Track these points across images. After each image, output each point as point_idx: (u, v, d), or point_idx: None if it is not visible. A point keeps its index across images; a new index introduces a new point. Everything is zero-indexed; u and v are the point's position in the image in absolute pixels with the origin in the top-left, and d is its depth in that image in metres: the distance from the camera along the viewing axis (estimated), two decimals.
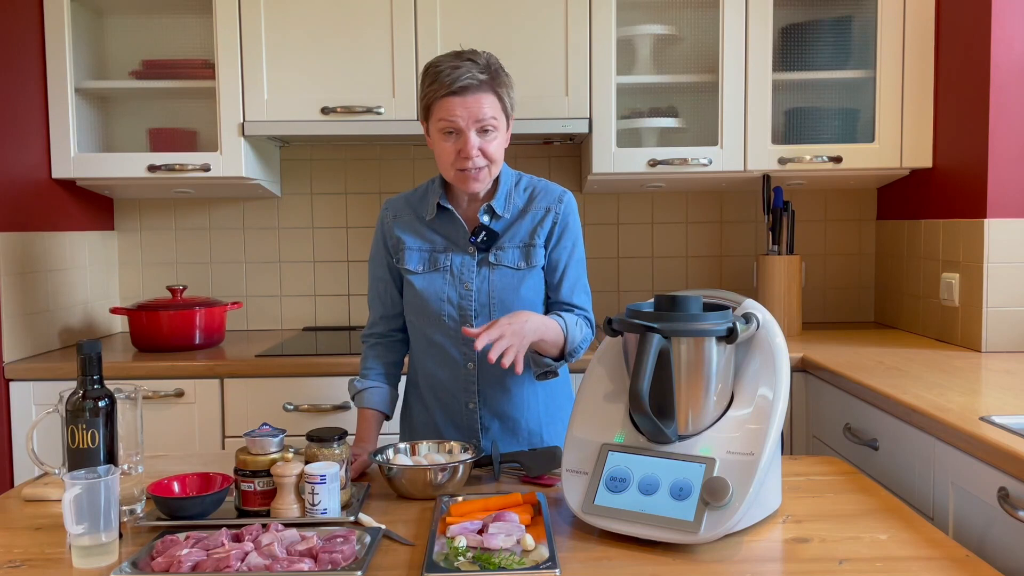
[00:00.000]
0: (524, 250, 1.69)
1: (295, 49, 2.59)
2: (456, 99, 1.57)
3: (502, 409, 1.71)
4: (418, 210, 1.75)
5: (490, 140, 1.61)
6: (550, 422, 1.76)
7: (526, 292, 1.68)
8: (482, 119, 1.58)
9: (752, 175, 2.67)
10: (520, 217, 1.71)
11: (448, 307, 1.68)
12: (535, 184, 1.75)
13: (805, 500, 1.36)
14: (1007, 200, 2.31)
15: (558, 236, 1.71)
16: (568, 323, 1.65)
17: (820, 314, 3.07)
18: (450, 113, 1.58)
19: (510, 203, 1.71)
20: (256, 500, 1.30)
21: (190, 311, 2.60)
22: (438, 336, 1.70)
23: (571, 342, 1.64)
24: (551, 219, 1.70)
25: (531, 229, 1.70)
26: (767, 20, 2.58)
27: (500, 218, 1.70)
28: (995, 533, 1.43)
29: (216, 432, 2.42)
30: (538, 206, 1.71)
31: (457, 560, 1.12)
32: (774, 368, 1.26)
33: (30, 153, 2.55)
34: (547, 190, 1.74)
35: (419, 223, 1.74)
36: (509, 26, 2.58)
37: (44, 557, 1.18)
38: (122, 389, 1.33)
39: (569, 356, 1.66)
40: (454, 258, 1.69)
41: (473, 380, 1.70)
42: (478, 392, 1.70)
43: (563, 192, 1.74)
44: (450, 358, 1.70)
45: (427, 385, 1.75)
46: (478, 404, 1.71)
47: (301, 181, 3.03)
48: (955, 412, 1.62)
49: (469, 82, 1.56)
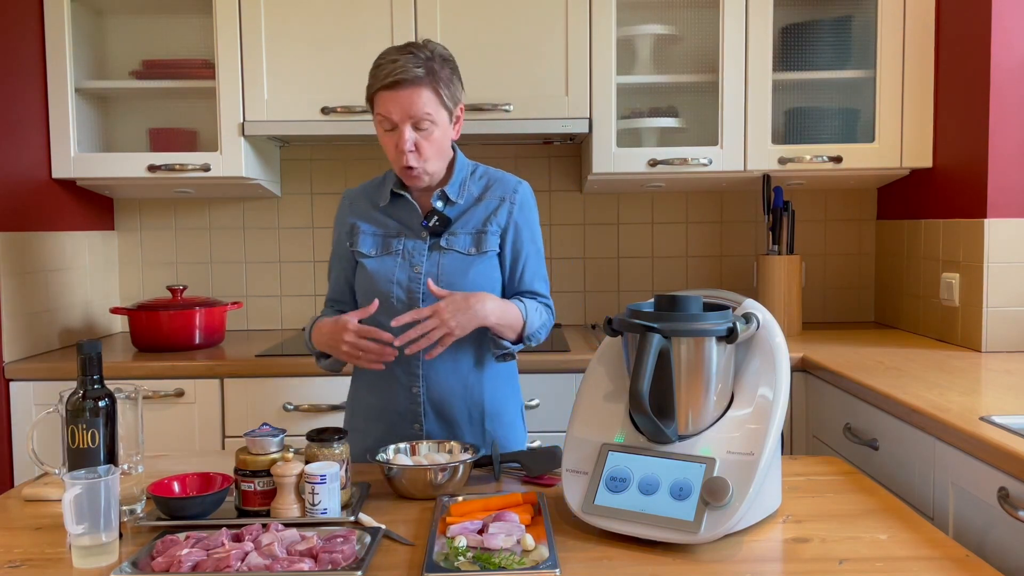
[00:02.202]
0: (476, 236, 1.71)
1: (295, 49, 2.59)
2: (389, 93, 1.60)
3: (444, 394, 1.71)
4: (374, 197, 1.78)
5: (426, 136, 1.63)
6: (494, 412, 1.75)
7: (475, 277, 1.69)
8: (415, 115, 1.60)
9: (752, 175, 2.67)
10: (475, 204, 1.74)
11: (397, 289, 1.69)
12: (491, 174, 1.79)
13: (805, 500, 1.36)
14: (1007, 200, 2.31)
15: (516, 228, 1.73)
16: (528, 308, 1.69)
17: (820, 314, 3.07)
18: (384, 108, 1.61)
19: (464, 190, 1.74)
20: (256, 500, 1.30)
21: (190, 311, 2.60)
22: (385, 319, 1.69)
23: (530, 326, 1.68)
24: (506, 209, 1.73)
25: (485, 217, 1.72)
26: (767, 20, 2.58)
27: (454, 204, 1.72)
28: (995, 533, 1.43)
29: (216, 432, 2.42)
30: (493, 195, 1.74)
31: (457, 560, 1.12)
32: (774, 368, 1.26)
33: (30, 153, 2.55)
34: (503, 180, 1.77)
35: (374, 209, 1.77)
36: (509, 26, 2.58)
37: (44, 557, 1.18)
38: (122, 389, 1.33)
39: (527, 340, 1.70)
40: (406, 242, 1.71)
41: (418, 364, 1.70)
42: (422, 376, 1.70)
43: (519, 183, 1.77)
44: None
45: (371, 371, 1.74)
46: (421, 389, 1.71)
47: (301, 181, 3.03)
48: (955, 412, 1.62)
49: (402, 77, 1.58)
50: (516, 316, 1.66)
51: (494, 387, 1.76)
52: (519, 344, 1.71)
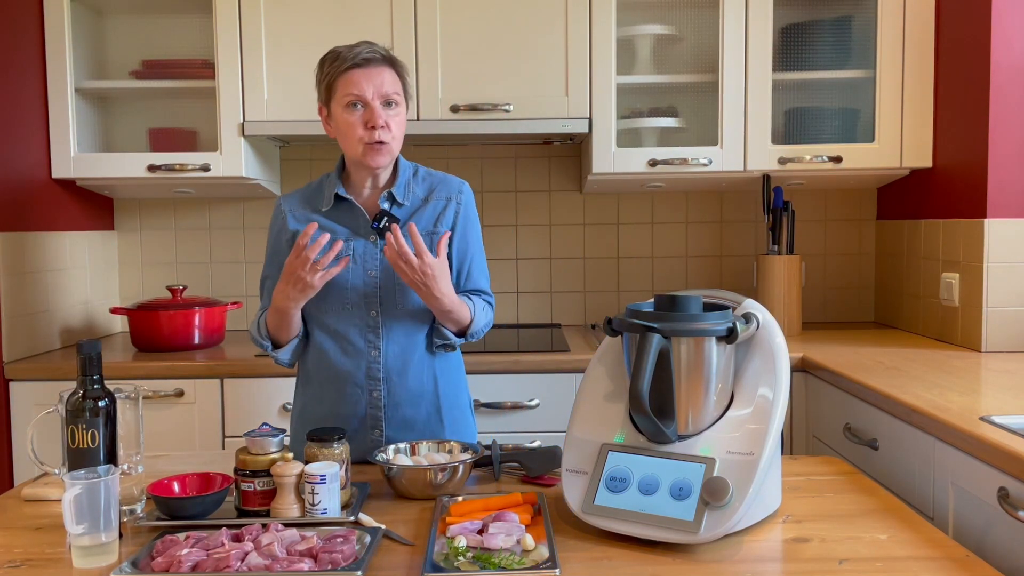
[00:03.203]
0: (427, 237, 1.71)
1: (295, 49, 2.59)
2: (360, 71, 1.63)
3: (404, 395, 1.71)
4: (314, 203, 1.76)
5: (393, 115, 1.65)
6: (448, 407, 1.76)
7: None
8: (385, 92, 1.64)
9: (752, 175, 2.67)
10: (422, 206, 1.74)
11: (352, 294, 1.69)
12: (433, 175, 1.80)
13: (805, 500, 1.36)
14: (1007, 200, 2.31)
15: (462, 227, 1.76)
16: (476, 308, 1.73)
17: (820, 314, 3.07)
18: (355, 85, 1.62)
19: (409, 191, 1.74)
20: (256, 500, 1.30)
21: (190, 311, 2.60)
22: (341, 325, 1.70)
23: (475, 324, 1.72)
24: (453, 209, 1.75)
25: (434, 218, 1.73)
26: (767, 20, 2.58)
27: (401, 205, 1.73)
28: (995, 533, 1.43)
29: (216, 432, 2.42)
30: (439, 196, 1.75)
31: (457, 560, 1.12)
32: (774, 368, 1.26)
33: (30, 153, 2.55)
34: (446, 181, 1.79)
35: (316, 215, 1.74)
36: (509, 26, 2.58)
37: (44, 557, 1.18)
38: (122, 389, 1.33)
39: (469, 336, 1.73)
40: (356, 245, 1.70)
41: (378, 367, 1.70)
42: (383, 380, 1.70)
43: (462, 183, 1.79)
44: (354, 347, 1.70)
45: (326, 379, 1.72)
46: (382, 392, 1.70)
47: (301, 181, 3.03)
48: (955, 412, 1.62)
49: (372, 56, 1.64)
50: (466, 313, 1.69)
51: (446, 381, 1.77)
52: (460, 338, 1.73)
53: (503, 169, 3.02)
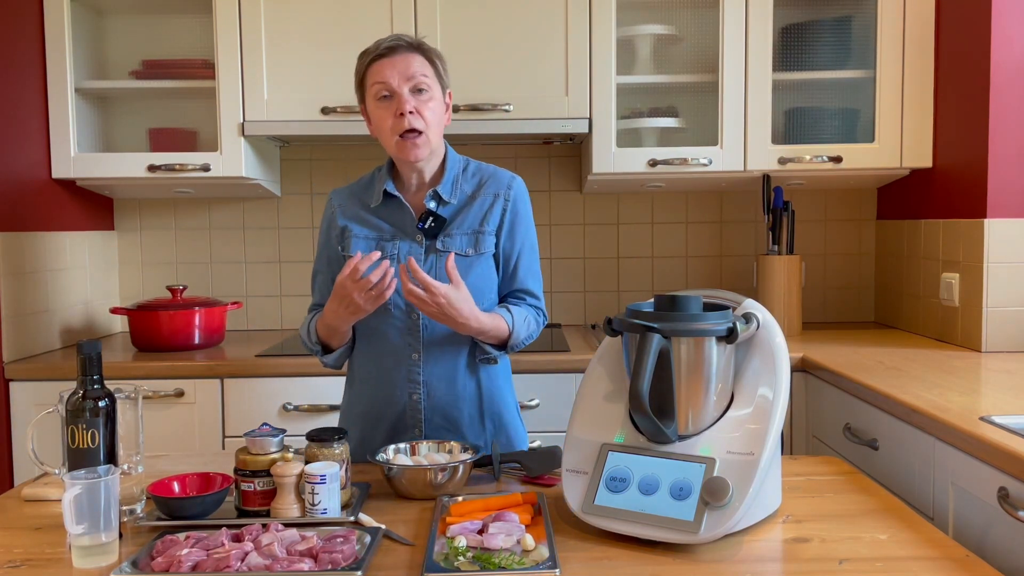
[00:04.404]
0: (473, 237, 1.67)
1: (295, 49, 2.59)
2: (385, 60, 1.60)
3: (445, 399, 1.69)
4: (364, 198, 1.74)
5: (425, 101, 1.61)
6: (492, 411, 1.73)
7: (475, 280, 1.65)
8: (412, 76, 1.59)
9: (752, 175, 2.67)
10: (469, 204, 1.70)
11: (395, 296, 1.65)
12: (483, 170, 1.75)
13: (805, 500, 1.36)
14: (1007, 200, 2.31)
15: (510, 224, 1.70)
16: (516, 320, 1.66)
17: (820, 314, 3.07)
18: (380, 75, 1.60)
19: (457, 188, 1.70)
20: (256, 500, 1.30)
21: (190, 311, 2.60)
22: (383, 326, 1.68)
23: (515, 337, 1.66)
24: (500, 206, 1.70)
25: (480, 216, 1.69)
26: (767, 20, 2.58)
27: (447, 204, 1.69)
28: (995, 533, 1.43)
29: (216, 432, 2.42)
30: (487, 192, 1.71)
31: (457, 560, 1.12)
32: (774, 368, 1.26)
33: (30, 153, 2.55)
34: (496, 176, 1.73)
35: (365, 211, 1.72)
36: (509, 26, 2.58)
37: (44, 557, 1.18)
38: (122, 389, 1.33)
39: (510, 349, 1.69)
40: (401, 245, 1.67)
41: (418, 370, 1.68)
42: (423, 383, 1.68)
43: (512, 178, 1.74)
44: (395, 348, 1.68)
45: (367, 378, 1.72)
46: (421, 395, 1.68)
47: (301, 181, 3.03)
48: (955, 412, 1.62)
49: (396, 43, 1.61)
50: (502, 330, 1.64)
51: (490, 386, 1.74)
52: (502, 351, 1.69)
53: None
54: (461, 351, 1.70)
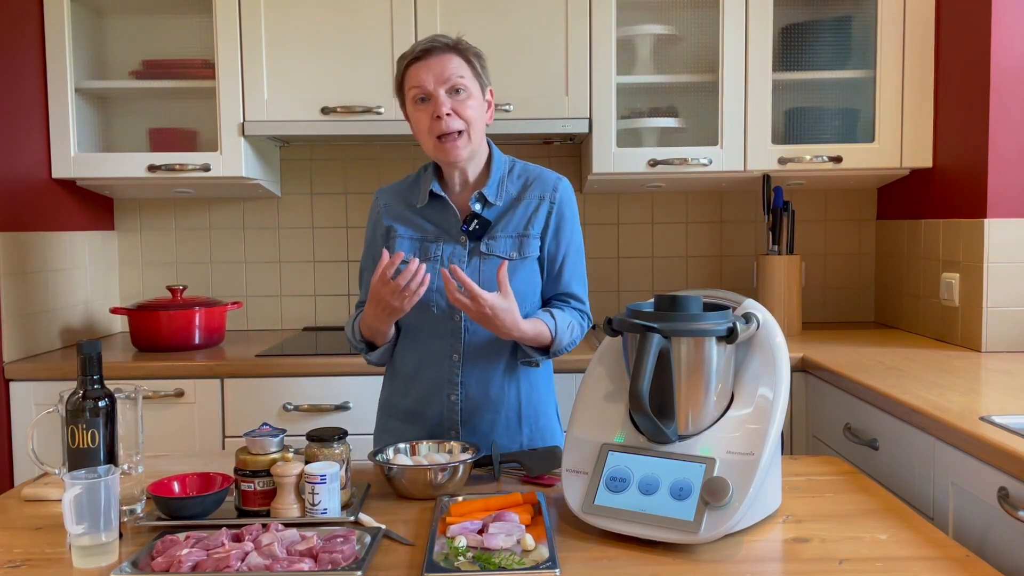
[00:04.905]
0: (517, 240, 1.66)
1: (295, 49, 2.59)
2: (420, 63, 1.60)
3: (482, 401, 1.68)
4: (409, 198, 1.73)
5: (462, 100, 1.60)
6: (530, 415, 1.72)
7: (518, 284, 1.64)
8: (448, 78, 1.58)
9: (752, 175, 2.67)
10: (514, 206, 1.68)
11: (437, 296, 1.65)
12: (529, 171, 1.73)
13: (805, 500, 1.36)
14: (1007, 200, 2.31)
15: (556, 226, 1.69)
16: (559, 326, 1.64)
17: (820, 314, 3.07)
18: (417, 79, 1.59)
19: (503, 190, 1.69)
20: (256, 500, 1.30)
21: (190, 311, 2.60)
22: (425, 326, 1.68)
23: (558, 343, 1.64)
24: (546, 208, 1.68)
25: (525, 218, 1.67)
26: (767, 20, 2.58)
27: (492, 206, 1.68)
28: (995, 533, 1.43)
29: (216, 432, 2.42)
30: (532, 195, 1.69)
31: (457, 560, 1.12)
32: (774, 368, 1.26)
33: (30, 153, 2.55)
34: (542, 177, 1.72)
35: (410, 211, 1.71)
36: (509, 26, 2.58)
37: (44, 557, 1.18)
38: (122, 389, 1.33)
39: (554, 354, 1.67)
40: (445, 247, 1.66)
41: (457, 371, 1.67)
42: (461, 384, 1.68)
43: (558, 179, 1.72)
44: (436, 349, 1.68)
45: (407, 376, 1.72)
46: (459, 396, 1.68)
47: (301, 181, 3.03)
48: (955, 412, 1.62)
49: (431, 45, 1.60)
50: (544, 337, 1.62)
51: (530, 390, 1.72)
52: (544, 355, 1.67)
53: None
54: (502, 354, 1.68)
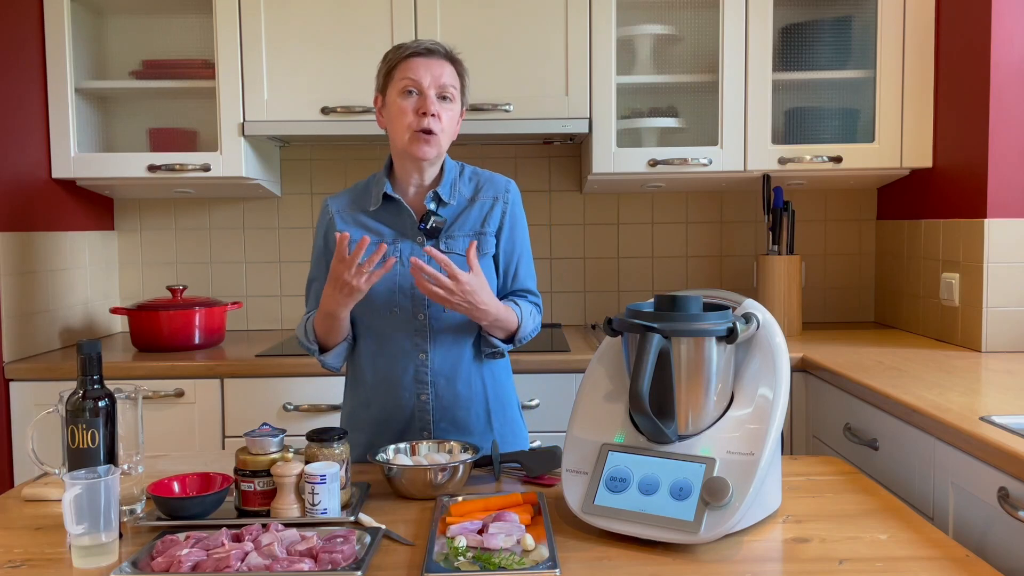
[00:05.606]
0: (475, 238, 1.70)
1: (295, 49, 2.59)
2: (421, 59, 1.63)
3: (452, 398, 1.70)
4: (361, 203, 1.75)
5: (446, 109, 1.65)
6: (498, 408, 1.75)
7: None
8: (443, 84, 1.63)
9: (752, 175, 2.67)
10: (469, 206, 1.72)
11: (400, 297, 1.67)
12: (480, 174, 1.78)
13: (805, 500, 1.36)
14: (1007, 200, 2.31)
15: (510, 226, 1.74)
16: (524, 313, 1.71)
17: (820, 314, 3.07)
18: (414, 72, 1.62)
19: (456, 191, 1.72)
20: (256, 500, 1.30)
21: (190, 311, 2.60)
22: (388, 329, 1.69)
23: (522, 330, 1.71)
24: (500, 208, 1.73)
25: (481, 218, 1.71)
26: (767, 20, 2.58)
27: (447, 205, 1.71)
28: (995, 533, 1.43)
29: (216, 432, 2.42)
30: (486, 196, 1.74)
31: (457, 560, 1.12)
32: (774, 368, 1.26)
33: (30, 153, 2.55)
34: (492, 180, 1.77)
35: (363, 216, 1.73)
36: (509, 26, 2.58)
37: (44, 557, 1.18)
38: (122, 389, 1.33)
39: (517, 342, 1.72)
40: (403, 247, 1.69)
41: (426, 370, 1.69)
42: (431, 383, 1.69)
43: (508, 182, 1.77)
44: (402, 350, 1.69)
45: (374, 382, 1.72)
46: (430, 395, 1.69)
47: (301, 181, 3.03)
48: (955, 412, 1.62)
49: (435, 48, 1.65)
50: (512, 320, 1.68)
51: (496, 385, 1.76)
52: (509, 344, 1.72)
53: (503, 169, 3.02)
54: (466, 348, 1.71)
